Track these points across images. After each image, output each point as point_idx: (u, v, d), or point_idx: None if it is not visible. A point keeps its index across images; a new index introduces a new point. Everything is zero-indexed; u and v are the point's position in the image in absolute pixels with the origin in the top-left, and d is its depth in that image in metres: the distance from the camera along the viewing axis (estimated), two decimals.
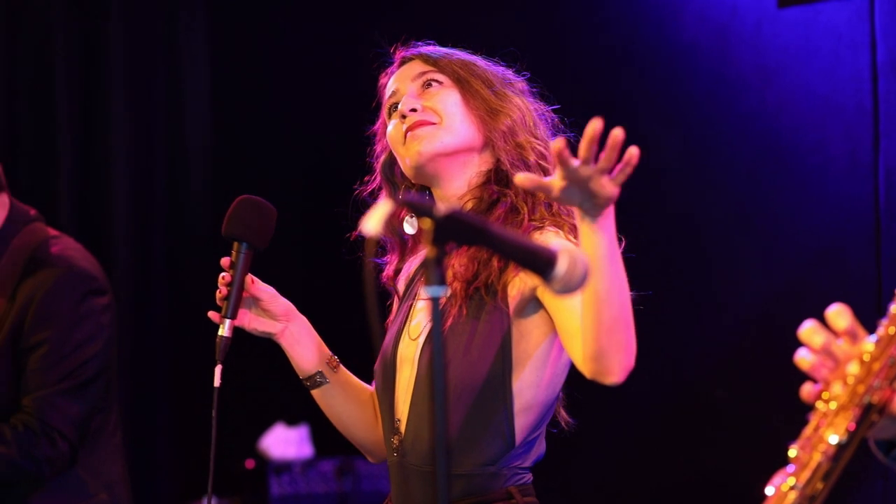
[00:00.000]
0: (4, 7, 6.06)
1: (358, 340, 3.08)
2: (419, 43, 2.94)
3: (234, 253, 2.85)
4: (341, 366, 2.97)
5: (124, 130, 6.22)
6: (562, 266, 1.98)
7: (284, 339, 2.93)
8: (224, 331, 2.83)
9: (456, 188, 2.82)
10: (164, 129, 6.39)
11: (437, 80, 2.83)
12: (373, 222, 1.92)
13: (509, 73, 2.91)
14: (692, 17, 5.21)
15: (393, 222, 2.88)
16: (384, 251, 2.98)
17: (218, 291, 2.86)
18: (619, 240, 2.46)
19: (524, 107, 2.84)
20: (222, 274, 2.86)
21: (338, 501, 5.68)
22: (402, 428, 2.77)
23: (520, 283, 2.68)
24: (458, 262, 2.74)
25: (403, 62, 2.90)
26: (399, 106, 2.84)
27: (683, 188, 5.22)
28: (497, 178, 2.79)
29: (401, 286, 2.98)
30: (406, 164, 2.83)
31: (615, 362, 2.41)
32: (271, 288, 2.94)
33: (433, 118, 2.80)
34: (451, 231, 1.94)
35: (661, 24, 5.26)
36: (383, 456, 2.94)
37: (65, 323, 3.63)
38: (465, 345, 2.68)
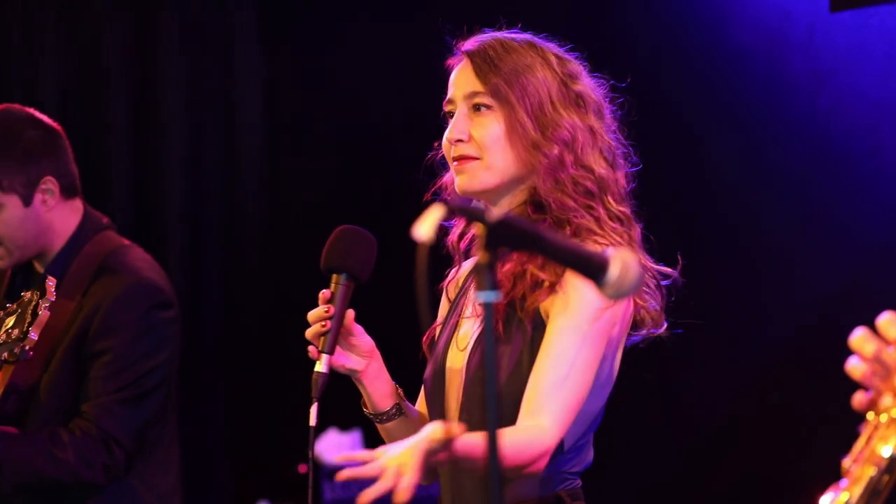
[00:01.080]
0: (58, 11, 6.12)
1: (403, 349, 3.06)
2: (487, 29, 2.89)
3: (333, 285, 2.73)
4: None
5: (178, 137, 6.26)
6: (614, 271, 1.98)
7: (366, 377, 2.82)
8: (322, 367, 2.69)
9: (499, 209, 2.80)
10: (218, 134, 6.41)
11: (485, 105, 2.78)
12: (425, 228, 1.93)
13: (573, 68, 2.84)
14: (744, 22, 5.19)
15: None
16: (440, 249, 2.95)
17: (320, 325, 2.71)
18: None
19: (576, 128, 2.76)
20: (322, 307, 2.72)
21: None
22: None
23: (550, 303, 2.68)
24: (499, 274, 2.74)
25: (466, 54, 2.84)
26: (449, 127, 2.81)
27: (737, 192, 5.20)
28: (537, 205, 2.77)
29: (451, 292, 2.98)
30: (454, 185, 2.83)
31: None
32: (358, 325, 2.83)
33: (476, 153, 2.77)
34: (504, 236, 1.95)
35: (714, 28, 5.24)
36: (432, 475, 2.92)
37: (129, 333, 3.66)
38: (507, 354, 2.69)
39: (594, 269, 1.99)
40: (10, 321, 3.35)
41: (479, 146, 2.77)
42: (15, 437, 3.55)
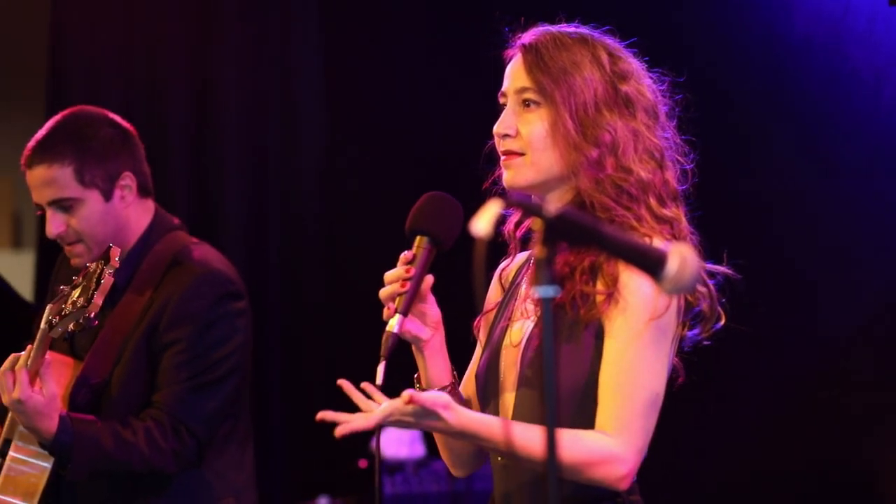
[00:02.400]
0: (121, 18, 6.18)
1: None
2: (543, 23, 2.89)
3: (416, 248, 2.72)
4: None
5: (237, 140, 6.31)
6: (672, 266, 1.97)
7: (428, 348, 2.81)
8: (395, 327, 2.66)
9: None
10: (278, 132, 6.44)
11: (534, 101, 2.80)
12: (482, 223, 1.93)
13: (624, 67, 2.83)
14: (804, 15, 5.16)
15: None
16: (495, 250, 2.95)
17: (398, 285, 2.70)
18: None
19: (618, 130, 2.76)
20: (402, 268, 2.72)
21: (450, 501, 5.70)
22: None
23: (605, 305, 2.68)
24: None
25: (520, 48, 2.85)
26: (498, 121, 2.82)
27: (798, 185, 5.18)
28: (580, 205, 2.77)
29: (503, 282, 2.98)
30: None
31: None
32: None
33: (521, 149, 2.78)
34: (562, 231, 1.95)
35: (773, 21, 5.22)
36: (471, 468, 2.95)
37: (199, 323, 3.69)
38: (559, 350, 2.68)
39: (652, 264, 1.98)
40: (76, 293, 3.40)
41: (525, 142, 2.78)
42: (86, 421, 3.59)
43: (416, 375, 2.88)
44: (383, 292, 2.72)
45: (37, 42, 6.25)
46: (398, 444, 5.99)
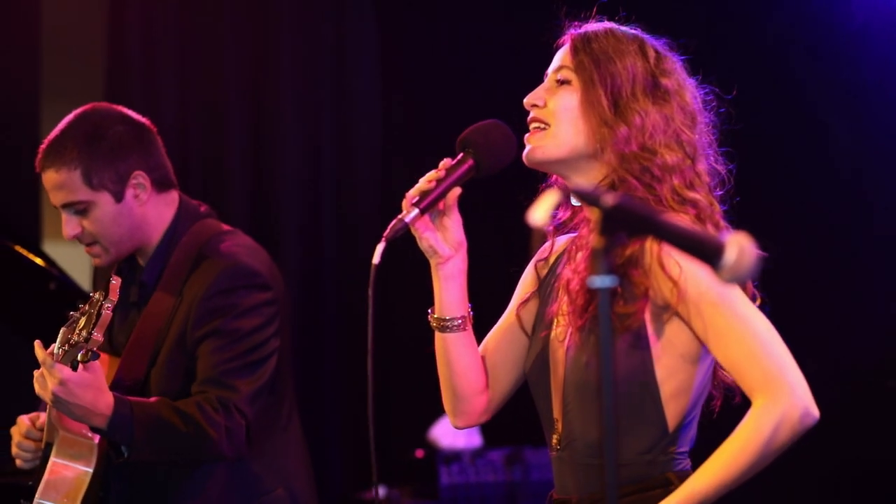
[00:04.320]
0: (177, 16, 6.23)
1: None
2: (592, 20, 2.90)
3: (459, 156, 2.75)
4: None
5: (293, 133, 6.35)
6: (731, 255, 1.97)
7: (444, 268, 2.83)
8: (408, 216, 2.69)
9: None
10: (333, 127, 6.48)
11: (567, 81, 2.81)
12: (540, 213, 1.93)
13: (669, 65, 2.84)
14: (862, 4, 5.14)
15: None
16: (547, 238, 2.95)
17: (427, 182, 2.74)
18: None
19: (650, 114, 2.76)
20: (437, 171, 2.76)
21: (507, 491, 5.71)
22: (560, 426, 2.80)
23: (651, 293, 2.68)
24: (569, 269, 2.76)
25: (571, 36, 2.87)
26: (531, 93, 2.84)
27: (854, 172, 5.16)
28: (609, 186, 2.77)
29: (540, 269, 2.98)
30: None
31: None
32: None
33: (546, 119, 2.80)
34: (620, 221, 1.94)
35: (831, 10, 5.19)
36: (470, 420, 2.96)
37: (229, 315, 3.63)
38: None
39: (711, 253, 1.97)
40: (82, 322, 3.38)
41: (551, 113, 2.80)
42: (142, 400, 3.56)
43: (429, 310, 2.89)
44: (412, 190, 2.75)
45: (94, 40, 6.30)
46: (455, 435, 6.00)
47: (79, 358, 3.34)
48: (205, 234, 3.78)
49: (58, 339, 3.43)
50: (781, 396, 2.57)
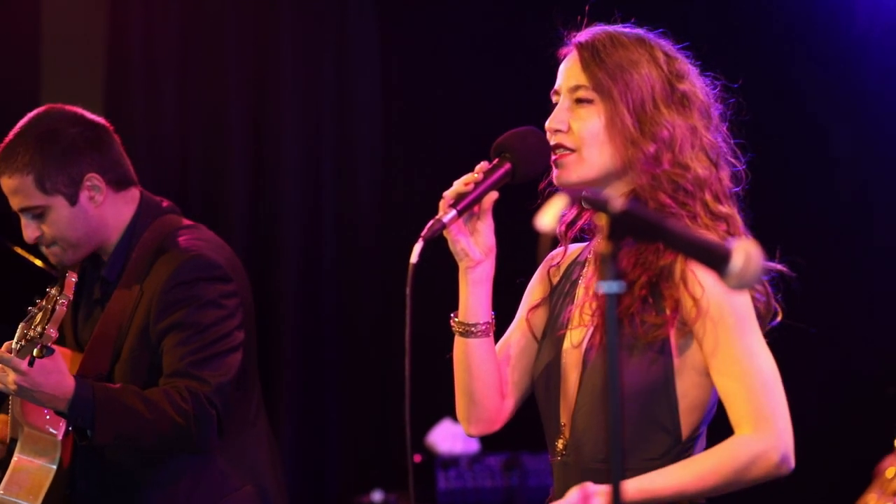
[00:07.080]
0: (178, 16, 6.23)
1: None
2: (600, 23, 2.89)
3: (496, 161, 2.76)
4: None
5: (293, 133, 6.35)
6: (737, 261, 1.97)
7: (473, 273, 2.82)
8: (445, 217, 2.69)
9: None
10: (333, 128, 6.48)
11: (587, 99, 2.79)
12: (548, 218, 1.92)
13: (680, 67, 2.83)
14: (864, 11, 5.14)
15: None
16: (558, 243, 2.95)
17: (464, 184, 2.73)
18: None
19: (676, 126, 2.76)
20: (475, 174, 2.75)
21: (504, 496, 5.70)
22: (567, 431, 2.79)
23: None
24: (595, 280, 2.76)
25: (576, 46, 2.85)
26: (550, 116, 2.83)
27: (855, 179, 5.16)
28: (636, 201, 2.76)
29: (553, 274, 2.98)
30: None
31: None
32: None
33: (572, 144, 2.78)
34: (628, 226, 1.94)
35: (834, 17, 5.20)
36: (485, 427, 2.95)
37: (190, 307, 3.61)
38: (624, 351, 2.68)
39: (717, 259, 1.97)
40: (38, 317, 3.41)
41: (577, 138, 2.78)
42: (103, 383, 3.56)
43: (452, 314, 2.88)
44: (448, 191, 2.74)
45: (94, 41, 6.29)
46: (452, 440, 5.99)
47: (34, 353, 3.37)
48: (165, 229, 3.78)
49: (16, 335, 3.47)
50: (767, 436, 2.60)
